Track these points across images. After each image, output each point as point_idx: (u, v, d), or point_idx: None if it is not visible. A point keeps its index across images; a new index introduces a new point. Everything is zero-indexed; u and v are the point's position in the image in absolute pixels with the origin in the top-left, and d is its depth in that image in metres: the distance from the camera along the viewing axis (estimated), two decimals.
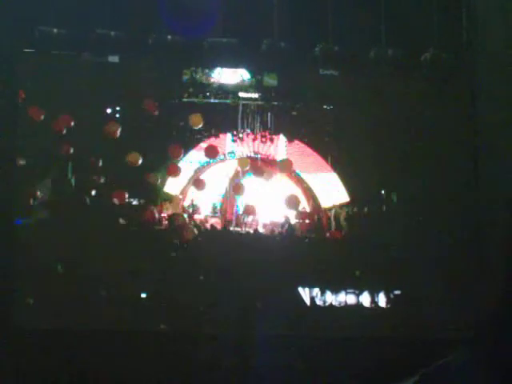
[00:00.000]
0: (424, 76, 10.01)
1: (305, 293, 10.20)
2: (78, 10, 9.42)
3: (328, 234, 14.20)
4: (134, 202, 13.87)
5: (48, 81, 10.50)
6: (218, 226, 14.55)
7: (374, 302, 10.12)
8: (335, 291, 10.08)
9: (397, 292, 10.21)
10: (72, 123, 11.22)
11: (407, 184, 11.57)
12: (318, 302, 10.09)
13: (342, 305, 10.04)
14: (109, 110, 12.78)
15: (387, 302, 10.19)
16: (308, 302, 10.14)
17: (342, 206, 14.96)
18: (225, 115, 15.70)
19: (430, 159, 10.81)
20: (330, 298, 10.15)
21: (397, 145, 11.46)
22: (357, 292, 10.07)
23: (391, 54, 9.62)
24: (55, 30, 9.32)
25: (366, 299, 10.20)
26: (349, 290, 10.02)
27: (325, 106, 14.56)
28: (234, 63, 12.07)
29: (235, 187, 14.08)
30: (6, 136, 9.11)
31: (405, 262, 10.09)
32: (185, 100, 15.04)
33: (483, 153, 9.36)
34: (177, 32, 9.40)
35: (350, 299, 10.16)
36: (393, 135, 11.52)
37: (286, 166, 14.11)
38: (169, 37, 9.39)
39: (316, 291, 10.16)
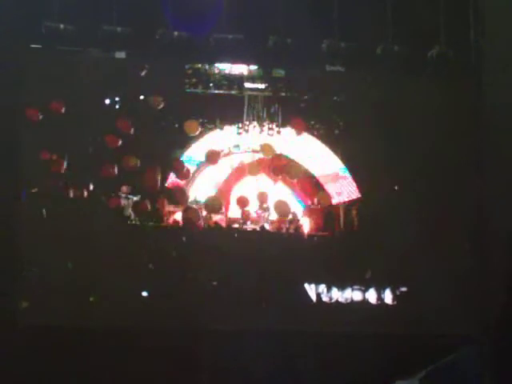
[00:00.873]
0: (430, 73, 11.08)
1: (311, 289, 11.34)
2: (85, 5, 10.52)
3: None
4: (135, 198, 14.99)
5: (54, 76, 11.62)
6: (223, 224, 15.16)
7: (380, 298, 11.27)
8: (341, 288, 11.23)
9: (403, 289, 11.36)
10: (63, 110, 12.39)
11: (413, 181, 12.68)
12: (324, 298, 11.25)
13: (349, 301, 11.20)
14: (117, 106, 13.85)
15: (393, 299, 11.34)
16: (314, 298, 11.30)
17: (352, 203, 15.67)
18: (230, 106, 16.27)
19: (434, 156, 11.89)
20: (337, 295, 11.31)
21: (402, 141, 12.52)
22: (363, 289, 11.22)
23: (397, 50, 10.70)
24: (62, 26, 10.41)
25: (372, 296, 11.34)
26: (355, 287, 11.17)
27: (335, 98, 15.07)
28: (240, 59, 13.00)
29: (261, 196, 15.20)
30: (11, 131, 10.27)
31: (412, 259, 11.20)
32: (188, 91, 15.50)
33: (489, 150, 10.44)
34: (182, 28, 10.47)
35: (356, 296, 11.31)
36: (398, 132, 12.59)
37: (266, 150, 15.48)
38: (175, 33, 10.48)
39: (322, 287, 11.31)
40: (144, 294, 11.61)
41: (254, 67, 15.19)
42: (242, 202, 15.12)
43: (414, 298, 11.19)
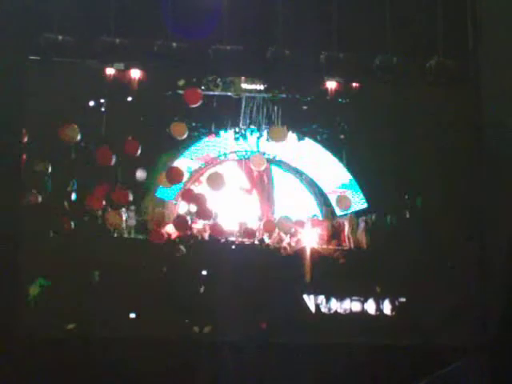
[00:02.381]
0: (429, 83, 13.24)
1: (310, 300, 13.55)
2: (83, 17, 12.61)
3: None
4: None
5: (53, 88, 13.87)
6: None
7: (379, 309, 13.51)
8: (340, 298, 13.46)
9: (402, 299, 13.59)
10: None
11: (414, 191, 15.01)
12: (323, 309, 13.47)
13: (347, 312, 13.43)
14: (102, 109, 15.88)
15: (392, 310, 13.57)
16: (313, 309, 13.51)
17: (359, 214, 17.50)
18: (226, 109, 18.04)
19: (434, 166, 14.14)
20: (335, 306, 13.53)
21: (402, 151, 14.82)
22: (362, 299, 13.45)
23: (396, 61, 12.79)
24: (60, 37, 12.50)
25: (371, 306, 13.58)
26: (354, 298, 13.41)
27: (340, 100, 16.55)
28: (238, 71, 14.84)
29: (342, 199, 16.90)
30: (11, 143, 12.36)
31: (411, 270, 13.40)
32: (180, 92, 16.48)
33: (488, 160, 12.58)
34: (180, 38, 12.60)
35: (355, 306, 13.54)
36: (397, 141, 14.86)
37: (257, 162, 16.96)
38: (174, 44, 12.58)
39: (321, 298, 13.53)
40: (132, 315, 13.51)
41: None
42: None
43: (413, 309, 13.37)
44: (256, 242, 16.49)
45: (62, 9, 12.56)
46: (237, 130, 18.84)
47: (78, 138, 14.27)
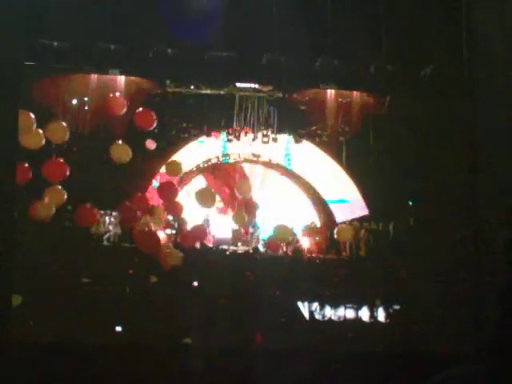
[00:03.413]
0: (424, 90, 15.04)
1: (304, 307, 15.40)
2: (79, 23, 14.35)
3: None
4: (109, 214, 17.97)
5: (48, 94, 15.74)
6: (210, 244, 18.46)
7: (373, 316, 15.37)
8: (335, 306, 15.36)
9: (396, 307, 15.46)
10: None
11: (408, 197, 16.93)
12: (318, 316, 15.35)
13: (342, 319, 15.31)
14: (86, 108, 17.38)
15: (386, 317, 15.43)
16: (307, 316, 15.39)
17: (360, 221, 19.13)
18: (218, 109, 19.41)
19: (430, 172, 15.97)
20: (330, 313, 15.42)
21: (398, 157, 16.63)
22: (356, 306, 15.35)
23: (391, 68, 14.66)
24: (56, 43, 14.32)
25: (365, 314, 15.48)
26: (348, 305, 15.29)
27: (340, 100, 18.06)
28: (234, 77, 16.34)
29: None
30: (7, 148, 14.25)
31: (405, 277, 15.25)
32: (170, 90, 18.39)
33: (483, 166, 14.40)
34: (176, 44, 14.43)
35: (349, 314, 15.44)
36: (394, 149, 16.74)
37: (244, 189, 17.38)
38: (169, 50, 14.44)
39: (315, 305, 15.39)
40: (118, 328, 14.97)
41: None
42: None
43: (408, 316, 15.11)
44: (250, 251, 17.96)
45: (57, 15, 14.02)
46: (229, 131, 20.24)
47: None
